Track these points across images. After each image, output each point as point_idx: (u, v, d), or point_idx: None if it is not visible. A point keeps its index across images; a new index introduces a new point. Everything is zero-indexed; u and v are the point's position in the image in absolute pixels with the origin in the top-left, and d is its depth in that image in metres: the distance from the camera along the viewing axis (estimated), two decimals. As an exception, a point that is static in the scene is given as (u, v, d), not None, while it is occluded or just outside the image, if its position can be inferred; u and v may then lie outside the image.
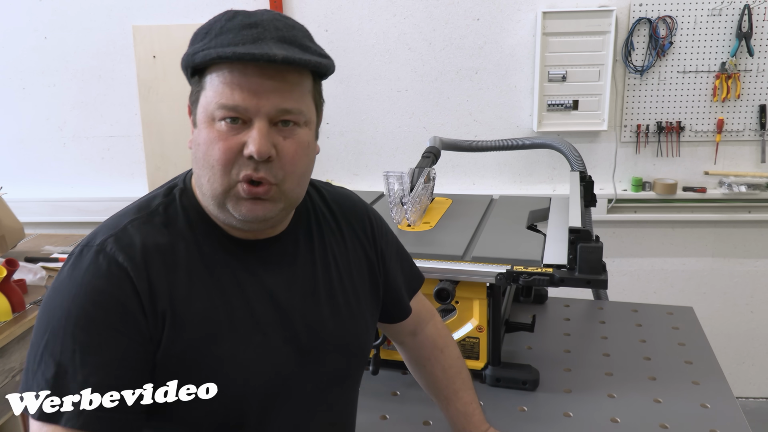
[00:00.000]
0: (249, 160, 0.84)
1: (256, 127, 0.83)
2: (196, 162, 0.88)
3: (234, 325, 0.88)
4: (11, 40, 2.86)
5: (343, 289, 1.01)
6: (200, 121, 0.86)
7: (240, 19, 0.85)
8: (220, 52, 0.81)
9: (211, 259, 0.89)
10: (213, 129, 0.84)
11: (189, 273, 0.86)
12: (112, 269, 0.82)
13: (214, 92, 0.84)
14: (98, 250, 0.83)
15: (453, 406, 1.20)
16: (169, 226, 0.88)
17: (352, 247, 1.05)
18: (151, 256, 0.85)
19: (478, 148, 2.14)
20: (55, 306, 0.81)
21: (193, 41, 0.87)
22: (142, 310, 0.82)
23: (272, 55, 0.80)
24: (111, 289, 0.81)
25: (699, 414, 1.35)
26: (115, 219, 0.90)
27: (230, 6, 0.92)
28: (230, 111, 0.83)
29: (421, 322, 1.23)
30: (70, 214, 2.97)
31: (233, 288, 0.89)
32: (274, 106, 0.84)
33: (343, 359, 1.01)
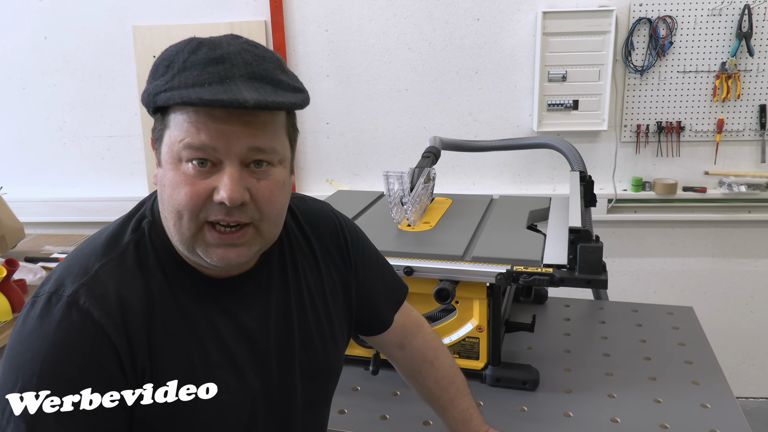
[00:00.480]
0: (220, 205, 0.79)
1: (226, 172, 0.78)
2: (162, 203, 0.83)
3: (211, 369, 0.86)
4: (11, 40, 2.86)
5: (316, 316, 1.00)
6: (165, 161, 0.80)
7: (204, 53, 0.77)
8: (184, 95, 0.74)
9: (184, 303, 0.85)
10: (179, 171, 0.78)
11: (164, 321, 0.83)
12: (86, 326, 0.77)
13: (180, 131, 0.77)
14: (70, 303, 0.77)
15: (450, 414, 1.19)
16: (141, 267, 0.83)
17: (326, 270, 1.03)
18: (127, 308, 0.80)
19: (478, 148, 2.14)
20: (25, 362, 0.75)
21: (154, 75, 0.80)
22: (120, 369, 0.78)
23: (243, 101, 0.73)
24: (87, 349, 0.76)
25: (699, 414, 1.35)
26: (81, 259, 0.83)
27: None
28: (197, 151, 0.77)
29: (408, 335, 1.21)
30: (70, 214, 2.97)
31: (208, 330, 0.86)
32: (246, 145, 0.78)
33: (314, 386, 1.01)
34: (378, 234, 1.62)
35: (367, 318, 1.14)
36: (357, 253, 1.09)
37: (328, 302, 1.03)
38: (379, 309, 1.15)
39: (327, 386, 1.06)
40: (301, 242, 1.02)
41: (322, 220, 1.07)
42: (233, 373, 0.88)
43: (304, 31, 2.73)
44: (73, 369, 0.76)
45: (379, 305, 1.15)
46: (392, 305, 1.18)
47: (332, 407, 1.38)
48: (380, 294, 1.15)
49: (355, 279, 1.09)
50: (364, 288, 1.11)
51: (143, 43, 2.79)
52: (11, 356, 0.77)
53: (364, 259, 1.11)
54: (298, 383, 0.97)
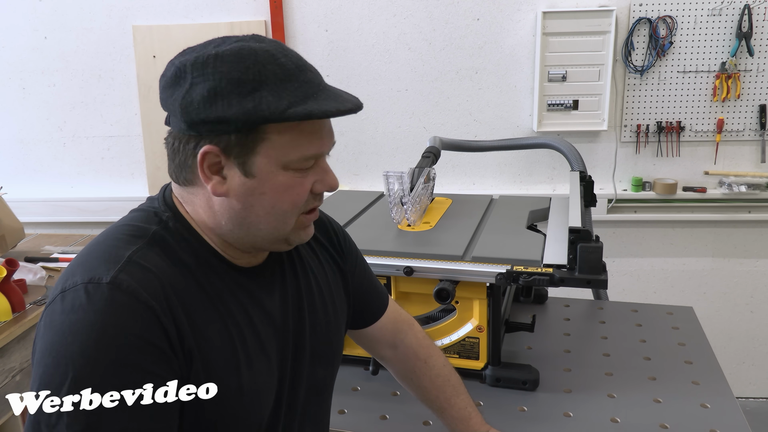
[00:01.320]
0: (317, 195, 0.89)
1: (323, 165, 0.88)
2: (250, 210, 0.84)
3: (247, 354, 0.88)
4: (11, 40, 2.86)
5: (322, 302, 1.03)
6: (261, 172, 0.82)
7: (283, 62, 0.81)
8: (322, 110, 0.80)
9: (217, 288, 0.87)
10: (284, 176, 0.83)
11: (202, 305, 0.84)
12: (135, 307, 0.76)
13: (291, 145, 0.82)
14: (112, 287, 0.76)
15: (448, 414, 1.20)
16: (171, 256, 0.84)
17: (325, 260, 1.08)
18: (168, 291, 0.80)
19: (478, 148, 2.14)
20: (73, 353, 0.73)
21: (240, 91, 0.79)
22: (171, 349, 0.78)
23: (358, 104, 0.84)
24: (139, 330, 0.75)
25: (699, 414, 1.35)
26: (105, 251, 0.82)
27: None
28: (310, 160, 0.85)
29: (400, 333, 1.23)
30: (70, 214, 2.97)
31: (241, 315, 0.88)
32: (333, 142, 0.89)
33: (322, 370, 1.04)
34: (378, 234, 1.62)
35: (359, 307, 1.17)
36: (347, 246, 1.14)
37: (332, 290, 1.07)
38: (371, 298, 1.19)
39: (332, 371, 1.09)
40: None
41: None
42: (264, 357, 0.91)
43: (304, 31, 2.73)
44: (129, 352, 0.74)
45: (370, 295, 1.19)
46: (382, 296, 1.22)
47: (332, 407, 1.38)
48: (369, 285, 1.19)
49: (349, 269, 1.13)
50: (356, 278, 1.15)
51: (143, 43, 2.79)
52: (53, 352, 0.74)
53: (352, 252, 1.16)
54: (309, 367, 1.00)
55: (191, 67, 0.80)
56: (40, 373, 0.74)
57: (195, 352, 0.81)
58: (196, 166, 0.83)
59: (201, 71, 0.80)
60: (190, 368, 0.80)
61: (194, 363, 0.81)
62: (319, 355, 1.02)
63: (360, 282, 1.16)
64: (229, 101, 0.78)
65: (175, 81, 0.82)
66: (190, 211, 0.89)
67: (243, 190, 0.83)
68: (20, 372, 1.85)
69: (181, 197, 0.90)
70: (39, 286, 2.06)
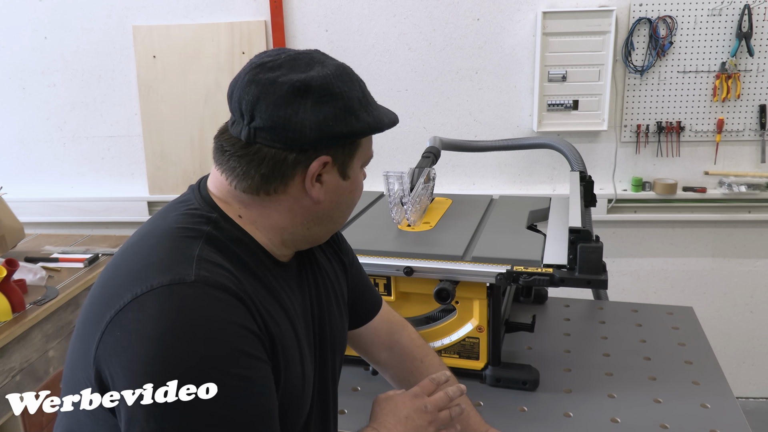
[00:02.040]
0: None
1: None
2: (335, 209, 0.94)
3: (301, 342, 0.93)
4: (11, 40, 2.86)
5: (334, 295, 1.08)
6: (352, 174, 0.94)
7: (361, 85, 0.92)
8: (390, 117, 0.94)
9: (272, 282, 0.90)
10: (361, 173, 0.97)
11: (266, 298, 0.87)
12: (230, 300, 0.78)
13: (368, 148, 0.96)
14: (201, 285, 0.77)
15: None
16: (227, 254, 0.86)
17: (330, 256, 1.12)
18: (243, 285, 0.82)
19: (478, 148, 2.14)
20: (181, 356, 0.73)
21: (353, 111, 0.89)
22: (264, 335, 0.82)
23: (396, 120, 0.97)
24: (238, 319, 0.78)
25: (699, 414, 1.35)
26: (167, 251, 0.82)
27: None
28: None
29: (395, 334, 1.25)
30: (70, 214, 2.97)
31: (291, 307, 0.93)
32: None
33: (336, 358, 1.09)
34: (378, 234, 1.62)
35: (356, 304, 1.20)
36: (344, 244, 1.19)
37: (340, 282, 1.12)
38: (366, 296, 1.23)
39: (342, 359, 1.13)
40: None
41: None
42: (308, 346, 0.96)
43: (304, 31, 2.73)
44: (234, 340, 0.76)
45: (366, 293, 1.23)
46: (375, 297, 1.26)
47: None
48: (365, 282, 1.24)
49: (350, 264, 1.18)
50: (352, 275, 1.19)
51: (143, 43, 2.79)
52: (155, 358, 0.73)
53: (348, 251, 1.20)
54: (329, 357, 1.05)
55: (317, 87, 0.85)
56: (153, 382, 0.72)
57: (276, 340, 0.84)
58: (296, 176, 0.88)
59: (328, 91, 0.86)
60: (275, 354, 0.84)
61: (276, 349, 0.84)
62: (334, 345, 1.07)
63: (357, 279, 1.20)
64: (358, 116, 0.89)
65: (284, 102, 0.85)
66: (252, 216, 0.90)
67: (338, 192, 0.93)
68: (20, 372, 1.85)
69: (242, 203, 0.90)
70: (39, 286, 2.06)
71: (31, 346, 1.91)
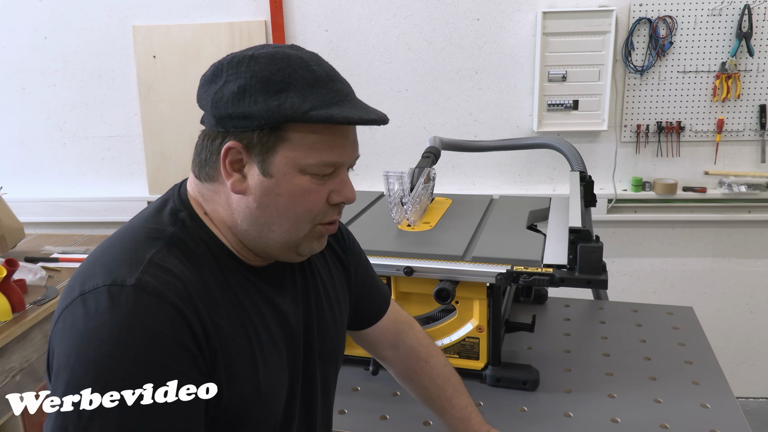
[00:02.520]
0: (334, 206, 0.89)
1: (343, 177, 0.89)
2: (266, 209, 0.85)
3: (263, 352, 0.89)
4: (11, 40, 2.86)
5: (328, 300, 1.05)
6: (280, 173, 0.84)
7: (315, 69, 0.84)
8: (341, 114, 0.82)
9: (234, 287, 0.88)
10: (301, 180, 0.84)
11: (221, 305, 0.85)
12: (163, 309, 0.76)
13: (311, 148, 0.83)
14: (138, 289, 0.76)
15: (449, 414, 1.20)
16: (189, 257, 0.85)
17: (330, 258, 1.09)
18: (191, 291, 0.81)
19: (478, 148, 2.14)
20: (101, 356, 0.73)
21: (267, 90, 0.81)
22: (199, 349, 0.79)
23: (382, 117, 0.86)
24: (168, 331, 0.76)
25: (699, 414, 1.35)
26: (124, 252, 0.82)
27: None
28: (329, 167, 0.86)
29: (401, 333, 1.24)
30: (70, 214, 2.97)
31: (256, 315, 0.90)
32: (356, 155, 0.91)
33: (328, 367, 1.06)
34: (378, 234, 1.62)
35: (361, 308, 1.18)
36: (351, 245, 1.16)
37: (336, 290, 1.08)
38: (373, 298, 1.21)
39: (336, 368, 1.11)
40: None
41: None
42: (277, 355, 0.92)
43: (304, 31, 2.73)
44: (157, 354, 0.75)
45: (372, 295, 1.20)
46: (383, 296, 1.23)
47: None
48: (372, 285, 1.21)
49: (353, 268, 1.15)
50: (358, 278, 1.16)
51: (143, 43, 2.79)
52: (80, 356, 0.73)
53: (356, 252, 1.17)
54: (317, 365, 1.02)
55: (227, 65, 0.84)
56: (65, 377, 0.74)
57: (218, 351, 0.82)
58: (219, 162, 0.85)
59: (235, 69, 0.83)
60: (214, 367, 0.81)
61: (218, 361, 0.82)
62: (326, 354, 1.04)
63: (362, 282, 1.17)
64: (256, 98, 0.81)
65: (211, 78, 0.85)
66: (209, 210, 0.90)
67: (260, 189, 0.85)
68: (20, 372, 1.85)
69: (201, 194, 0.90)
70: (39, 286, 2.06)
71: (31, 346, 1.91)
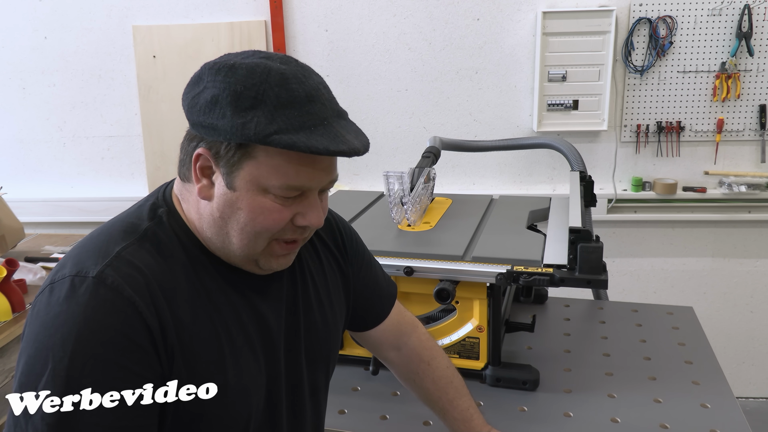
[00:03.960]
0: (298, 227, 0.87)
1: (312, 201, 0.86)
2: (227, 221, 0.85)
3: (234, 351, 0.88)
4: (11, 40, 2.86)
5: (319, 304, 1.04)
6: (243, 188, 0.82)
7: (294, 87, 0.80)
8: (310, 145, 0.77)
9: (207, 285, 0.87)
10: (264, 199, 0.83)
11: (189, 301, 0.84)
12: (117, 304, 0.77)
13: (275, 170, 0.81)
14: (97, 282, 0.77)
15: (450, 415, 1.19)
16: (162, 252, 0.85)
17: (326, 261, 1.08)
18: (154, 287, 0.81)
19: (478, 148, 2.14)
20: (54, 344, 0.74)
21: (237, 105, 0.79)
22: (153, 347, 0.78)
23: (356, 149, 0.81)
24: (120, 327, 0.76)
25: (699, 414, 1.35)
26: (98, 245, 0.83)
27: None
28: (293, 191, 0.83)
29: (403, 335, 1.22)
30: (70, 214, 2.97)
31: (230, 313, 0.89)
32: (329, 179, 0.87)
33: (317, 371, 1.04)
34: (378, 234, 1.62)
35: (361, 311, 1.17)
36: (352, 247, 1.14)
37: (330, 292, 1.07)
38: (374, 301, 1.19)
39: (327, 372, 1.09)
40: None
41: None
42: (252, 356, 0.91)
43: (304, 31, 2.73)
44: (108, 349, 0.75)
45: (374, 298, 1.18)
46: (387, 299, 1.21)
47: (332, 407, 1.38)
48: (374, 287, 1.18)
49: (352, 271, 1.13)
50: (359, 281, 1.14)
51: (143, 43, 2.79)
52: (36, 342, 0.75)
53: (357, 253, 1.15)
54: (304, 369, 1.01)
55: (208, 71, 0.83)
56: (23, 362, 0.76)
57: (177, 349, 0.81)
58: (192, 164, 0.85)
59: (214, 77, 0.81)
60: (172, 365, 0.81)
61: (176, 360, 0.81)
62: (314, 357, 1.02)
63: (364, 284, 1.16)
64: (224, 112, 0.79)
65: (195, 81, 0.85)
66: (185, 208, 0.90)
67: (223, 200, 0.84)
68: (20, 372, 1.85)
69: (180, 193, 0.91)
70: (39, 286, 2.06)
71: (31, 346, 1.91)
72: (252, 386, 0.91)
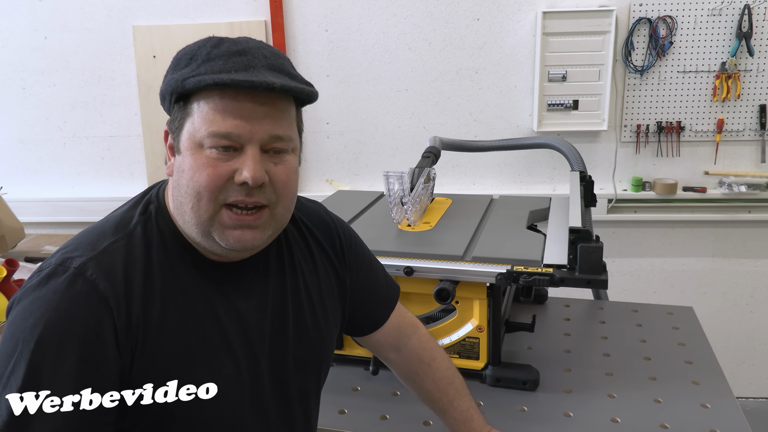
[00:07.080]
0: (240, 187, 0.83)
1: (249, 154, 0.83)
2: (179, 189, 0.86)
3: (206, 351, 0.87)
4: (11, 40, 2.86)
5: (311, 308, 1.02)
6: (185, 148, 0.85)
7: (227, 46, 0.83)
8: (216, 78, 0.79)
9: (185, 283, 0.87)
10: (201, 155, 0.83)
11: (164, 299, 0.85)
12: (91, 297, 0.79)
13: (203, 119, 0.82)
14: (76, 273, 0.80)
15: (450, 416, 1.19)
16: (146, 247, 0.86)
17: (321, 265, 1.06)
18: (130, 284, 0.82)
19: (478, 148, 2.14)
20: (26, 328, 0.77)
21: (176, 66, 0.85)
22: (115, 343, 0.80)
23: (270, 83, 0.80)
24: (88, 319, 0.78)
25: (699, 414, 1.35)
26: (90, 238, 0.86)
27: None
28: (222, 139, 0.82)
29: (404, 336, 1.22)
30: (70, 214, 2.97)
31: (207, 312, 0.88)
32: (267, 132, 0.84)
33: (307, 376, 1.03)
34: (378, 234, 1.62)
35: (359, 316, 1.15)
36: (350, 251, 1.12)
37: (323, 296, 1.05)
38: (372, 307, 1.18)
39: (318, 377, 1.08)
40: (298, 238, 1.05)
41: (316, 219, 1.10)
42: (229, 357, 0.90)
43: (304, 31, 2.73)
44: (71, 338, 0.77)
45: (372, 303, 1.17)
46: (386, 303, 1.20)
47: (332, 407, 1.38)
48: (373, 292, 1.17)
49: (350, 276, 1.11)
50: (357, 285, 1.13)
51: (143, 43, 2.79)
52: (14, 323, 0.78)
53: (357, 258, 1.14)
54: (292, 373, 0.99)
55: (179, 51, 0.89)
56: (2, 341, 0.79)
57: (139, 346, 0.82)
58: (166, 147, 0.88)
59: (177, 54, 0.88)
60: (132, 362, 0.81)
61: (136, 358, 0.81)
62: (304, 361, 1.01)
63: (362, 290, 1.14)
64: (166, 77, 0.85)
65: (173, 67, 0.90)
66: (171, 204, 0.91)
67: (176, 168, 0.87)
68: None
69: (168, 189, 0.93)
70: (39, 286, 2.06)
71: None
72: (226, 388, 0.89)
